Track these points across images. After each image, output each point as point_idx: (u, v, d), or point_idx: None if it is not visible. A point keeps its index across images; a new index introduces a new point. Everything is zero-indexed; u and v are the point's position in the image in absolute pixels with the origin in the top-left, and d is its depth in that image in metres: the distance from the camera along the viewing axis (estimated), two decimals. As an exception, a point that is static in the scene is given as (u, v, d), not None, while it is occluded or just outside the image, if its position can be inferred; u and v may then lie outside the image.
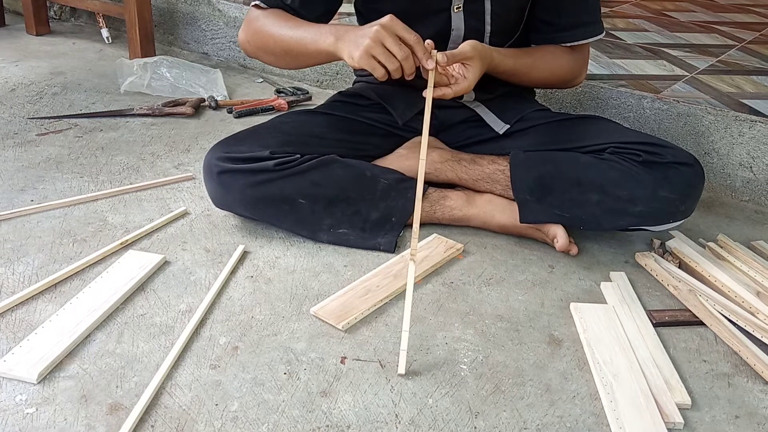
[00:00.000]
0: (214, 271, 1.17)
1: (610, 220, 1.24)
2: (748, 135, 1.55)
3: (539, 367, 1.00)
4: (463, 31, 1.29)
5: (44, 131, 1.69)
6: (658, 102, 1.65)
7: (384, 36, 1.09)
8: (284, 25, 1.23)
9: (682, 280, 1.20)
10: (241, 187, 1.22)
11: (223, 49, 2.35)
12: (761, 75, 1.91)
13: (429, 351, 1.01)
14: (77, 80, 2.06)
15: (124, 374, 0.93)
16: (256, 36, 1.28)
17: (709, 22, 2.57)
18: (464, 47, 1.19)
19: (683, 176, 1.21)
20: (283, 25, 1.24)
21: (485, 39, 1.31)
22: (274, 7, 1.28)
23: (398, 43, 1.10)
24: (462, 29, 1.29)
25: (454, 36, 1.30)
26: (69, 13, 2.71)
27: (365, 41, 1.09)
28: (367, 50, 1.09)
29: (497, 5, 1.27)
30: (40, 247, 1.21)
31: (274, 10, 1.27)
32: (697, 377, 1.00)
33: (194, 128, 1.78)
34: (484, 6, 1.27)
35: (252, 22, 1.29)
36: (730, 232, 1.40)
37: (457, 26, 1.29)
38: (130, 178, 1.48)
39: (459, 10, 1.26)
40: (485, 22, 1.29)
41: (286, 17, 1.25)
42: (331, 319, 1.06)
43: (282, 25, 1.24)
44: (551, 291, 1.18)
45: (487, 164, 1.32)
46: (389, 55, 1.09)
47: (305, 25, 1.22)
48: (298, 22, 1.23)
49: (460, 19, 1.28)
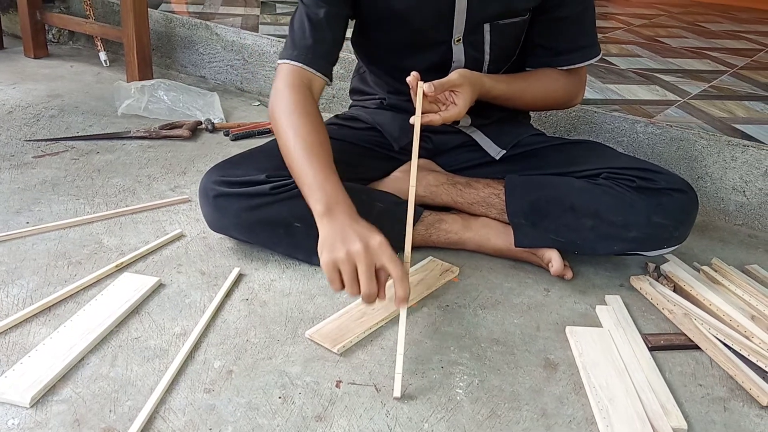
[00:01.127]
0: (209, 293, 1.17)
1: (605, 245, 1.24)
2: (740, 159, 1.56)
3: (535, 391, 1.00)
4: (463, 61, 1.30)
5: (41, 153, 1.69)
6: (651, 126, 1.66)
7: (362, 262, 1.00)
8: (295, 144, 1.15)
9: (677, 304, 1.20)
10: (237, 211, 1.22)
11: (220, 73, 2.37)
12: (753, 100, 1.93)
13: (425, 375, 1.01)
14: (74, 103, 2.07)
15: (118, 398, 0.93)
16: (273, 122, 1.22)
17: (701, 49, 2.60)
18: (452, 75, 1.20)
19: (677, 203, 1.22)
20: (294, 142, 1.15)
21: (484, 67, 1.32)
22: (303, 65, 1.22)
23: (371, 278, 1.00)
24: (462, 60, 1.30)
25: (455, 66, 1.31)
26: (67, 37, 2.73)
27: (340, 253, 1.00)
28: (334, 262, 1.01)
29: (496, 35, 1.28)
30: (34, 270, 1.21)
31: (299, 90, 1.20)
32: (693, 401, 1.00)
33: (191, 151, 1.79)
34: (484, 37, 1.28)
35: (274, 105, 1.21)
36: (724, 255, 1.41)
37: (457, 57, 1.30)
38: (126, 201, 1.48)
39: (459, 41, 1.28)
40: (484, 51, 1.30)
41: (305, 125, 1.16)
42: (326, 342, 1.05)
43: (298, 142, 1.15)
44: (547, 314, 1.18)
45: (482, 188, 1.33)
46: (354, 280, 1.00)
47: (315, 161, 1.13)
48: (311, 149, 1.14)
49: (461, 51, 1.29)
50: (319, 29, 1.23)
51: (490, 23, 1.26)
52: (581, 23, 1.33)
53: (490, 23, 1.26)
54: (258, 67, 2.27)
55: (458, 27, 1.25)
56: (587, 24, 1.34)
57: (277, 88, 1.22)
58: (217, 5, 2.68)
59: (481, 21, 1.25)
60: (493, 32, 1.28)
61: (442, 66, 1.31)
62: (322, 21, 1.23)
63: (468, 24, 1.25)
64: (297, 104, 1.19)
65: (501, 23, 1.26)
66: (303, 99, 1.19)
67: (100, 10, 2.60)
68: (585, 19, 1.33)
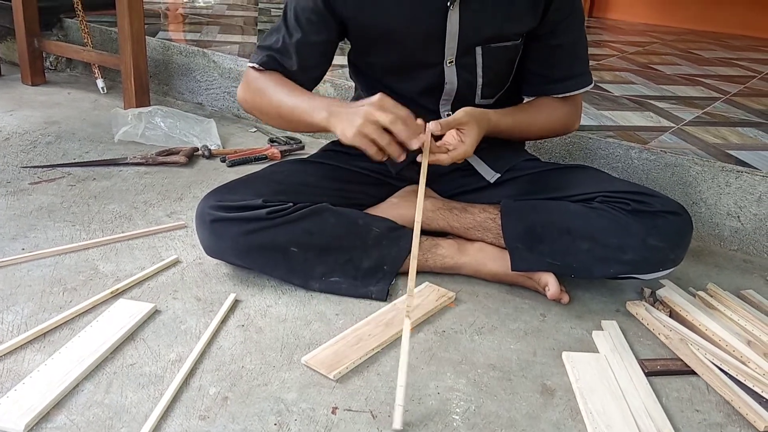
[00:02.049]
0: (204, 320, 1.17)
1: (601, 268, 1.24)
2: (734, 185, 1.57)
3: (532, 417, 0.99)
4: (456, 84, 1.31)
5: (37, 180, 1.70)
6: (645, 152, 1.67)
7: (380, 115, 1.11)
8: (281, 91, 1.27)
9: (673, 329, 1.20)
10: (234, 236, 1.23)
11: (217, 99, 2.38)
12: (746, 126, 1.95)
13: (421, 401, 1.01)
14: (71, 129, 2.08)
15: (113, 425, 0.92)
16: (254, 97, 1.32)
17: (695, 75, 2.63)
18: (458, 114, 1.21)
19: (672, 225, 1.22)
20: (280, 90, 1.27)
21: (477, 90, 1.33)
22: (272, 70, 1.30)
23: (396, 121, 1.11)
24: (455, 82, 1.31)
25: (448, 89, 1.32)
26: (65, 64, 2.75)
27: (358, 121, 1.12)
28: (360, 130, 1.12)
29: (488, 58, 1.30)
30: (30, 296, 1.20)
31: (271, 72, 1.30)
32: (690, 427, 1.00)
33: (187, 177, 1.79)
34: (476, 59, 1.30)
35: (251, 83, 1.32)
36: (719, 281, 1.41)
37: (450, 79, 1.31)
38: (122, 227, 1.48)
39: (452, 64, 1.29)
40: (477, 74, 1.31)
41: (284, 82, 1.28)
42: (322, 368, 1.05)
43: (279, 91, 1.27)
44: (543, 340, 1.18)
45: (478, 213, 1.33)
46: (383, 133, 1.12)
47: (300, 94, 1.26)
48: (294, 90, 1.27)
49: (453, 73, 1.30)
50: (285, 54, 1.29)
51: (482, 47, 1.28)
52: (575, 51, 1.35)
53: (482, 47, 1.28)
54: (255, 93, 2.28)
55: (450, 49, 1.27)
56: (580, 52, 1.36)
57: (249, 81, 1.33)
58: (214, 33, 2.71)
59: (473, 44, 1.27)
60: (485, 55, 1.29)
61: (436, 88, 1.32)
62: (291, 46, 1.28)
63: (460, 46, 1.27)
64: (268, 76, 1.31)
65: (493, 47, 1.28)
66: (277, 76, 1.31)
67: (97, 38, 2.62)
68: (579, 47, 1.35)
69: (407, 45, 1.28)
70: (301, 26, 1.27)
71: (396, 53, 1.30)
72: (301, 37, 1.27)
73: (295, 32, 1.27)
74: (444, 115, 1.36)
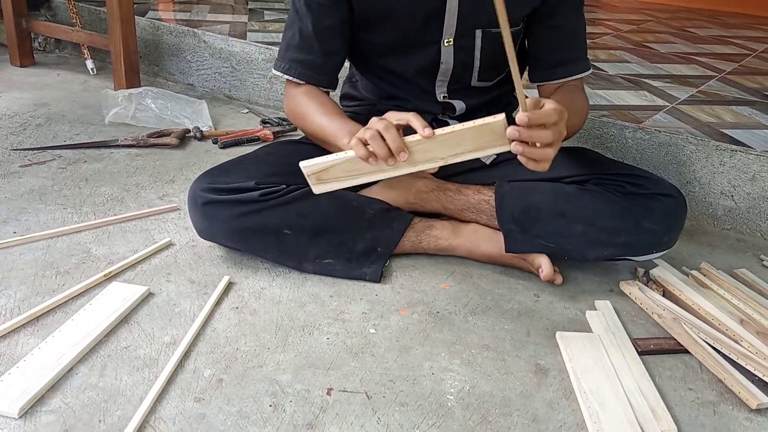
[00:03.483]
0: (198, 302, 1.17)
1: (595, 251, 1.24)
2: (728, 164, 1.57)
3: (526, 396, 1.00)
4: (452, 64, 1.30)
5: (28, 162, 1.68)
6: (639, 132, 1.67)
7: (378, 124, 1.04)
8: (314, 111, 1.28)
9: (666, 309, 1.20)
10: (226, 218, 1.22)
11: (208, 80, 2.36)
12: (740, 105, 1.94)
13: (416, 381, 1.01)
14: (61, 111, 2.06)
15: (107, 408, 0.92)
16: (294, 115, 1.34)
17: (689, 54, 2.62)
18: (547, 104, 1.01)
19: (666, 207, 1.22)
20: (313, 110, 1.28)
21: (474, 73, 1.32)
22: (307, 82, 1.30)
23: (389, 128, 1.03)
24: (451, 63, 1.30)
25: (443, 69, 1.31)
26: (54, 45, 2.72)
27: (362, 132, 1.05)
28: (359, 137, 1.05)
29: (487, 42, 1.28)
30: (22, 280, 1.20)
31: (307, 87, 1.30)
32: (683, 405, 1.00)
33: (179, 159, 1.78)
34: (475, 42, 1.28)
35: (290, 99, 1.34)
36: (712, 260, 1.41)
37: (446, 60, 1.30)
38: (114, 210, 1.47)
39: (449, 44, 1.28)
40: (475, 57, 1.30)
41: (317, 100, 1.29)
42: (311, 179, 1.07)
43: (312, 110, 1.28)
44: (537, 320, 1.18)
45: (472, 194, 1.33)
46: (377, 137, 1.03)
47: (331, 115, 1.25)
48: (325, 110, 1.26)
49: (450, 53, 1.29)
50: (306, 48, 1.27)
51: (482, 30, 1.26)
52: (575, 34, 1.32)
53: (482, 30, 1.26)
54: (246, 74, 2.27)
55: (449, 28, 1.26)
56: (580, 35, 1.33)
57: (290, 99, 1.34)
58: (204, 12, 2.68)
59: (473, 26, 1.26)
60: (484, 39, 1.28)
61: (432, 69, 1.31)
62: (309, 35, 1.26)
63: (459, 27, 1.25)
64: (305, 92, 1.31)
65: (493, 31, 1.26)
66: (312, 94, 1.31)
67: (86, 18, 2.59)
68: (578, 30, 1.32)
69: (406, 21, 1.26)
70: (312, 12, 1.24)
71: (394, 30, 1.28)
72: (315, 22, 1.25)
73: (307, 19, 1.25)
74: (440, 96, 1.35)
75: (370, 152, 1.04)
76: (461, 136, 1.01)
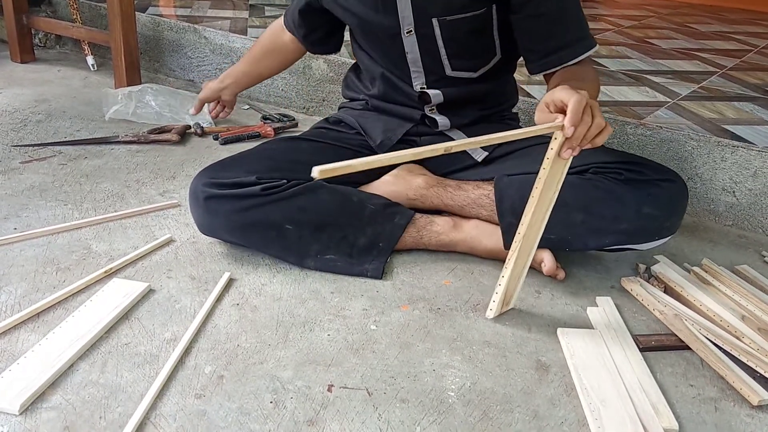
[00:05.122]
0: (199, 298, 1.17)
1: (596, 239, 1.24)
2: (730, 160, 1.57)
3: (527, 393, 1.00)
4: (419, 54, 1.31)
5: (28, 159, 1.68)
6: (641, 128, 1.67)
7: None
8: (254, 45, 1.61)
9: (667, 305, 1.20)
10: (228, 213, 1.22)
11: (209, 76, 2.36)
12: (742, 101, 1.94)
13: (417, 378, 1.01)
14: (62, 108, 2.06)
15: (108, 405, 0.92)
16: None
17: (691, 50, 2.61)
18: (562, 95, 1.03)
19: (666, 192, 1.21)
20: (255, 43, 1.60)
21: (443, 61, 1.33)
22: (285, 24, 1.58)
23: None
24: (417, 53, 1.32)
25: (411, 58, 1.33)
26: (54, 41, 2.72)
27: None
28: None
29: (447, 30, 1.27)
30: (22, 276, 1.20)
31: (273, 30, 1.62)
32: (684, 402, 1.00)
33: (180, 155, 1.78)
34: (434, 31, 1.28)
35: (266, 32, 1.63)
36: (714, 256, 1.41)
37: (410, 49, 1.32)
38: (115, 206, 1.47)
39: (410, 34, 1.28)
40: (438, 45, 1.31)
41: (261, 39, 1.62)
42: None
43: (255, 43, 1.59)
44: (538, 316, 1.18)
45: (472, 190, 1.33)
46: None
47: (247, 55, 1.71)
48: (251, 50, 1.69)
49: (413, 43, 1.31)
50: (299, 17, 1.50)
51: (438, 18, 1.26)
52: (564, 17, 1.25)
53: (438, 18, 1.26)
54: (247, 70, 2.26)
55: (405, 18, 1.27)
56: (570, 17, 1.26)
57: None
58: (205, 8, 2.68)
59: (429, 16, 1.26)
60: (443, 27, 1.27)
61: (401, 60, 1.34)
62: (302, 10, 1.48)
63: (416, 16, 1.26)
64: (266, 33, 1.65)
65: (449, 19, 1.25)
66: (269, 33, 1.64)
67: (87, 14, 2.59)
68: (567, 12, 1.25)
69: (359, 12, 1.31)
70: None
71: (352, 16, 1.34)
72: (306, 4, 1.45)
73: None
74: (417, 87, 1.36)
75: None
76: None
